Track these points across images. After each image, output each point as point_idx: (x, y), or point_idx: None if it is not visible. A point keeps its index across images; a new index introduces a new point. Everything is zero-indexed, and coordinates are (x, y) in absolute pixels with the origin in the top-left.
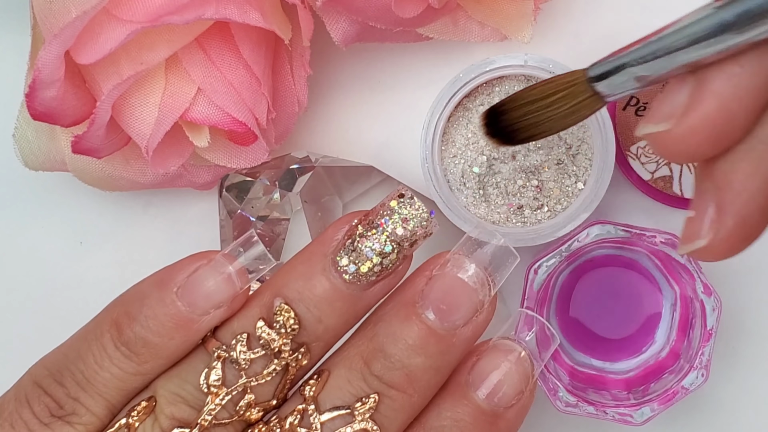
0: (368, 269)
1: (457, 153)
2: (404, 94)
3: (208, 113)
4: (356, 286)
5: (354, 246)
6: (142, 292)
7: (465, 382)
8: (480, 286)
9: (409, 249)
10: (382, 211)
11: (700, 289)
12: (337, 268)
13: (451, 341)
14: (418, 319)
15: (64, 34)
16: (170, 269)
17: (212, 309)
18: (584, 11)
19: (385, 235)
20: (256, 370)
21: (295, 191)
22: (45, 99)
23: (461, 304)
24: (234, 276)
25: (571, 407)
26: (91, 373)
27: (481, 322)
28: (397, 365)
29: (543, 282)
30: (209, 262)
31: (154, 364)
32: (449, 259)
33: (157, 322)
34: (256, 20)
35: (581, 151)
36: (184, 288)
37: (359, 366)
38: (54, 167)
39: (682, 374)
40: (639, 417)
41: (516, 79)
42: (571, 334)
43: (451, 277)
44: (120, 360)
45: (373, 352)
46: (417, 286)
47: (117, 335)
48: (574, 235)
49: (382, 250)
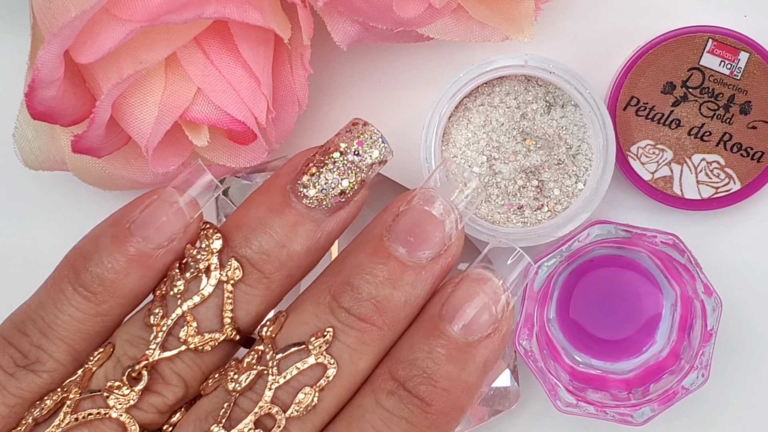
0: (328, 192)
1: (458, 153)
2: (405, 95)
3: (208, 112)
4: (317, 211)
5: (313, 171)
6: (96, 233)
7: (439, 315)
8: (448, 218)
9: (367, 173)
10: (338, 139)
11: (700, 289)
12: (297, 194)
13: (420, 273)
14: (386, 252)
15: (64, 34)
16: (123, 208)
17: (166, 242)
18: (584, 11)
19: (342, 158)
20: (192, 293)
21: None
22: (44, 98)
23: (429, 235)
24: (184, 207)
25: (572, 407)
26: (51, 318)
27: (451, 255)
28: (366, 296)
29: (543, 282)
30: (160, 197)
31: (112, 303)
32: (416, 194)
33: (111, 258)
34: (255, 19)
35: (581, 151)
36: (136, 223)
37: (326, 300)
38: (54, 167)
39: (683, 374)
40: (639, 417)
41: (516, 79)
42: (571, 334)
43: (419, 210)
44: (78, 301)
45: (340, 285)
46: (385, 220)
47: (74, 277)
48: (574, 235)
49: (341, 172)
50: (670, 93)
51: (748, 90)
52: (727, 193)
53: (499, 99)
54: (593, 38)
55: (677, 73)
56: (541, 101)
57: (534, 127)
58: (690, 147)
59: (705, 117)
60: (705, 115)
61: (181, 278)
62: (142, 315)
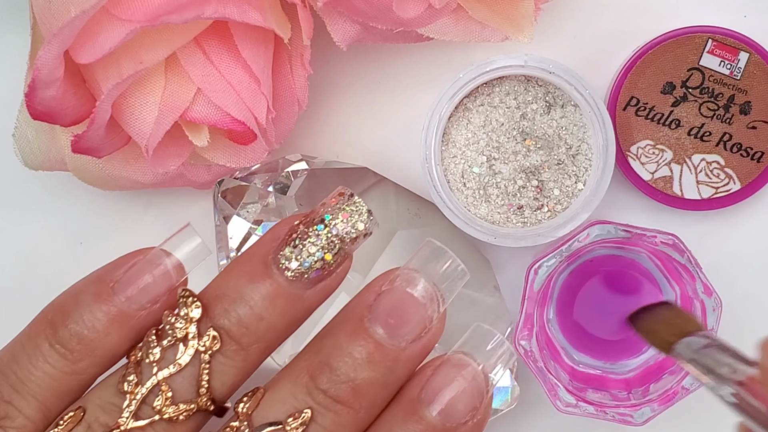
0: (310, 265)
1: (458, 153)
2: (405, 95)
3: (208, 113)
4: (298, 284)
5: (296, 243)
6: (77, 289)
7: (417, 398)
8: (429, 301)
9: (350, 246)
10: (323, 209)
11: (700, 289)
12: (279, 266)
13: (400, 356)
14: (366, 333)
15: (64, 34)
16: (107, 266)
17: (148, 304)
18: (584, 11)
19: (326, 230)
20: (168, 362)
21: (290, 194)
22: (44, 98)
23: (410, 318)
24: (171, 270)
25: (571, 407)
26: (25, 373)
27: (431, 338)
28: (343, 378)
29: (543, 282)
30: (145, 257)
31: (89, 362)
32: (398, 274)
33: (92, 317)
34: (255, 19)
35: (581, 151)
36: (120, 282)
37: (304, 380)
38: (54, 167)
39: (683, 374)
40: (639, 417)
41: (516, 79)
42: (571, 335)
43: (400, 292)
44: (54, 358)
45: (318, 365)
46: (366, 300)
47: (51, 333)
48: (574, 235)
49: (324, 246)
50: (670, 93)
51: (747, 90)
52: (727, 193)
53: (498, 99)
54: (593, 38)
55: (677, 73)
56: (541, 101)
57: (534, 127)
58: (690, 147)
59: (705, 117)
60: (705, 116)
61: (157, 345)
62: (116, 380)
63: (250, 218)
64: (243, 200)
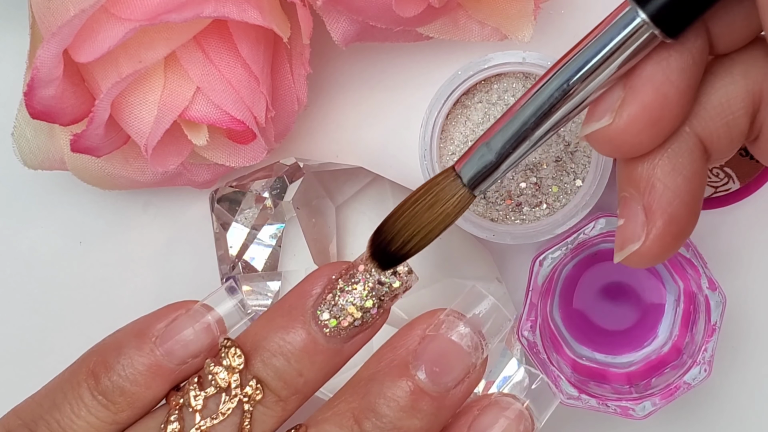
0: (349, 323)
1: (456, 150)
2: (404, 94)
3: (207, 112)
4: (336, 340)
5: (335, 300)
6: (120, 341)
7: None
8: (474, 350)
9: (389, 302)
10: (364, 263)
11: (705, 284)
12: (318, 322)
13: (443, 402)
14: (410, 380)
15: (63, 33)
16: (148, 318)
17: (190, 358)
18: (584, 11)
19: (367, 289)
20: (211, 411)
21: (287, 199)
22: (43, 98)
23: (454, 366)
24: (213, 325)
25: (573, 400)
26: (67, 422)
27: (473, 382)
28: (388, 426)
29: (548, 274)
30: (188, 312)
31: (130, 413)
32: (443, 320)
33: (134, 371)
34: (254, 18)
35: (580, 148)
36: (162, 337)
37: (350, 423)
38: (53, 166)
39: (685, 369)
40: (641, 411)
41: (514, 76)
42: (574, 327)
43: (446, 341)
44: (97, 409)
45: (364, 410)
46: (410, 345)
47: (94, 384)
48: (580, 227)
49: (363, 305)
50: None
51: None
52: (726, 192)
53: (497, 96)
54: None
55: None
56: None
57: None
58: None
59: None
60: None
61: (200, 393)
62: (156, 423)
63: (248, 224)
64: (240, 207)
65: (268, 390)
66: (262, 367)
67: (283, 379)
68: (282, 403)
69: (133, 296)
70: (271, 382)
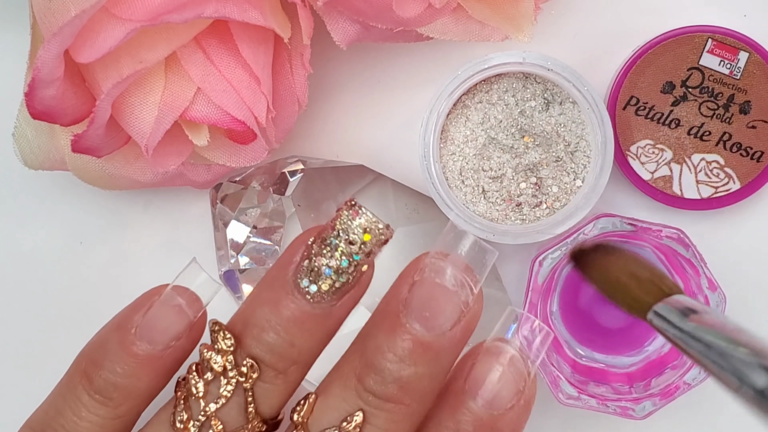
0: (329, 286)
1: (456, 150)
2: (404, 94)
3: (208, 112)
4: (321, 304)
5: (311, 265)
6: (104, 338)
7: (461, 390)
8: (460, 287)
9: (366, 259)
10: (333, 224)
11: (704, 284)
12: (300, 290)
13: (441, 346)
14: (404, 330)
15: (63, 33)
16: (126, 311)
17: (172, 342)
18: (584, 11)
19: (339, 250)
20: (214, 395)
21: (287, 195)
22: (44, 98)
23: (444, 308)
24: (185, 306)
25: (573, 400)
26: (72, 425)
27: (470, 320)
28: (389, 379)
29: (547, 275)
30: (159, 297)
31: (129, 405)
32: (426, 264)
33: (122, 364)
34: (255, 19)
35: (580, 148)
36: (141, 327)
37: (353, 383)
38: (54, 166)
39: (684, 369)
40: (640, 411)
41: (514, 76)
42: (574, 328)
43: (430, 283)
44: (96, 407)
45: (364, 368)
46: (400, 294)
47: (88, 384)
48: (580, 227)
49: (339, 266)
50: (670, 93)
51: (747, 90)
52: (727, 192)
53: (497, 96)
54: (593, 38)
55: (677, 72)
56: (540, 98)
57: (532, 124)
58: (689, 147)
59: (704, 117)
60: (704, 115)
61: (200, 380)
62: (167, 416)
63: (249, 222)
64: (241, 204)
65: (264, 366)
66: (254, 344)
67: (277, 352)
68: (282, 376)
69: (134, 296)
70: (266, 357)
